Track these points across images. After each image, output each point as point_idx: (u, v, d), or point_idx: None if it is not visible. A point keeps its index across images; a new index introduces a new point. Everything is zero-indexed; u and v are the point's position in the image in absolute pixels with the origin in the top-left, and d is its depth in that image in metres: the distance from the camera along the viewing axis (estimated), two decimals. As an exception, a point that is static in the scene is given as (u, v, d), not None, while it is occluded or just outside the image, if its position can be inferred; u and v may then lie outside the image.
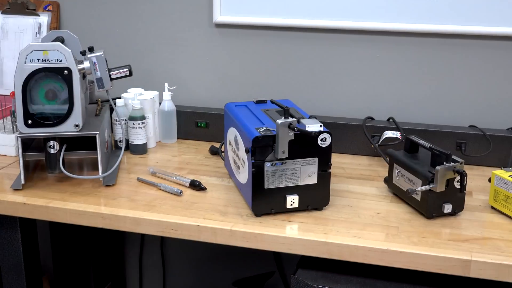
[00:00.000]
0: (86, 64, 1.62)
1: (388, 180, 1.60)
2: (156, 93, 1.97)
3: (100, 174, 1.63)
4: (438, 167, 1.41)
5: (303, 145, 1.44)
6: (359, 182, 1.67)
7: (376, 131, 1.85)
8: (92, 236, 2.08)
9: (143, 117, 1.85)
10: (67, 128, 1.59)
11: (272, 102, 1.54)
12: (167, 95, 1.94)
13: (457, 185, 1.44)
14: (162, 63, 2.08)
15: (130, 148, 1.88)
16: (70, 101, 1.58)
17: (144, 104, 1.89)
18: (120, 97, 1.92)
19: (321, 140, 1.44)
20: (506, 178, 1.47)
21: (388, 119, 1.88)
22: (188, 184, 1.63)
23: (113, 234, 2.20)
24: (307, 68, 1.96)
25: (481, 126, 1.85)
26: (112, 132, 1.91)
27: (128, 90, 1.97)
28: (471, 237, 1.37)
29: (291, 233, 1.39)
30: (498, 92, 1.84)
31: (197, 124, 1.99)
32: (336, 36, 1.91)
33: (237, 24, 1.98)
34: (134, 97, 1.88)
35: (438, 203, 1.45)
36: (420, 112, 1.91)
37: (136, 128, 1.84)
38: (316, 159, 1.46)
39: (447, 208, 1.45)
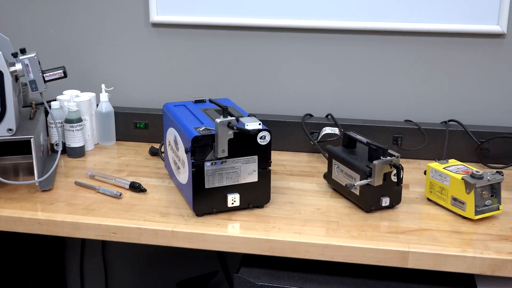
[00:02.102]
0: (18, 66, 1.57)
1: (327, 176, 1.62)
2: (93, 94, 1.93)
3: (36, 178, 1.58)
4: (375, 162, 1.43)
5: (243, 144, 1.44)
6: (300, 179, 1.69)
7: (315, 127, 1.87)
8: (29, 243, 2.02)
9: (79, 120, 1.82)
10: (0, 132, 1.54)
11: (210, 101, 1.53)
12: (104, 96, 1.91)
13: (394, 178, 1.47)
14: (98, 64, 2.05)
15: (67, 151, 1.84)
16: (2, 104, 1.53)
17: (81, 106, 1.85)
18: (55, 100, 1.87)
19: (261, 138, 1.45)
20: (440, 170, 1.51)
21: (327, 116, 1.90)
22: (127, 186, 1.61)
23: (52, 240, 2.15)
24: (246, 66, 1.97)
25: (416, 121, 1.90)
26: (48, 135, 1.86)
27: (64, 92, 1.92)
28: (409, 228, 1.41)
29: (233, 232, 1.39)
30: (432, 87, 1.89)
31: (136, 125, 1.97)
32: (274, 34, 1.92)
33: (174, 24, 1.96)
34: (70, 99, 1.84)
35: (376, 197, 1.47)
36: (358, 108, 1.94)
37: (73, 130, 1.80)
38: (256, 157, 1.46)
39: (385, 201, 1.48)
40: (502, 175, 1.45)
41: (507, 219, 1.45)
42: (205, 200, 1.44)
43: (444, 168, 1.51)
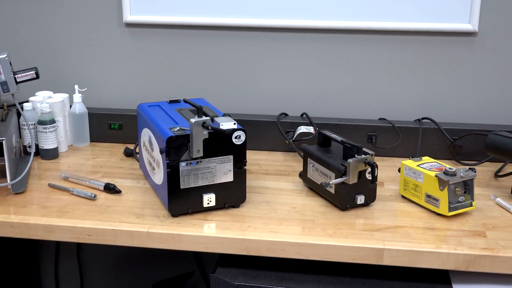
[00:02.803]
0: (-11, 68, 1.55)
1: (303, 175, 1.63)
2: (66, 95, 1.91)
3: (8, 181, 1.56)
4: (349, 160, 1.44)
5: (218, 144, 1.44)
6: (275, 178, 1.69)
7: (290, 127, 1.87)
8: (3, 246, 1.99)
9: (53, 121, 1.80)
10: (-29, 134, 1.52)
11: (185, 101, 1.53)
12: (77, 97, 1.89)
13: (368, 176, 1.48)
14: (71, 65, 2.03)
15: (40, 153, 1.81)
16: (-27, 106, 1.51)
17: (54, 107, 1.83)
18: (27, 101, 1.85)
19: (236, 137, 1.45)
20: (414, 168, 1.52)
21: (302, 115, 1.91)
22: (102, 188, 1.59)
23: (26, 243, 2.12)
24: (221, 66, 1.97)
25: (390, 119, 1.91)
26: (20, 137, 1.84)
27: (36, 94, 1.90)
28: (384, 226, 1.42)
29: (208, 232, 1.39)
30: (406, 85, 1.90)
31: (110, 126, 1.95)
32: (248, 34, 1.92)
33: (147, 24, 1.95)
34: (42, 101, 1.82)
35: (351, 195, 1.48)
36: (333, 106, 1.95)
37: (46, 132, 1.78)
38: (231, 156, 1.46)
39: (360, 199, 1.49)
40: (475, 172, 1.47)
41: (480, 215, 1.47)
42: (180, 200, 1.44)
43: (417, 165, 1.53)
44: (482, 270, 1.31)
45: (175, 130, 1.43)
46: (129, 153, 1.85)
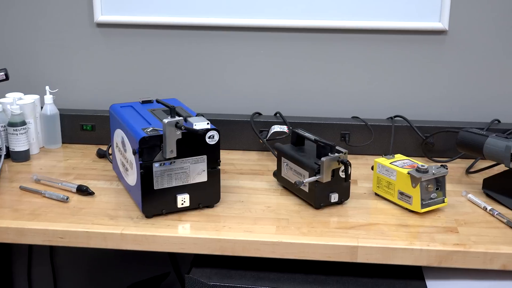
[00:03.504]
0: (-43, 69, 1.52)
1: (277, 174, 1.63)
2: (36, 97, 1.89)
3: (-22, 184, 1.54)
4: (323, 159, 1.45)
5: (191, 144, 1.43)
6: (249, 177, 1.69)
7: (264, 126, 1.87)
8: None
9: (23, 123, 1.77)
10: None
11: (158, 101, 1.52)
12: (48, 98, 1.87)
13: (342, 174, 1.49)
14: (42, 66, 2.00)
15: (11, 155, 1.79)
16: None
17: (24, 109, 1.81)
18: (-3, 103, 1.82)
19: (209, 137, 1.44)
20: (387, 166, 1.53)
21: (275, 114, 1.91)
22: (75, 190, 1.58)
23: (-2, 246, 2.09)
24: (194, 66, 1.96)
25: (363, 117, 1.92)
26: (-10, 139, 1.81)
27: (6, 95, 1.87)
28: (357, 224, 1.43)
29: (183, 232, 1.38)
30: (378, 83, 1.92)
31: (83, 127, 1.93)
32: (221, 34, 1.92)
33: (119, 24, 1.94)
34: (13, 102, 1.79)
35: (325, 193, 1.49)
36: (306, 105, 1.96)
37: (17, 134, 1.76)
38: (205, 157, 1.45)
39: (334, 197, 1.50)
40: (447, 169, 1.48)
41: (452, 211, 1.49)
42: (154, 201, 1.43)
43: (390, 163, 1.54)
44: (454, 265, 1.32)
45: (148, 130, 1.42)
46: (102, 155, 1.83)
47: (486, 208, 1.49)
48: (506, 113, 1.90)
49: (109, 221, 1.43)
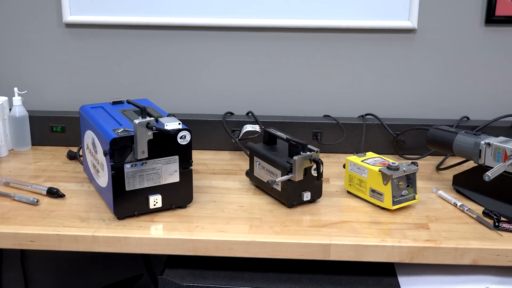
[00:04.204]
0: None
1: (249, 173, 1.63)
2: (5, 98, 1.86)
3: None
4: (295, 157, 1.45)
5: (163, 144, 1.42)
6: (222, 177, 1.69)
7: (236, 125, 1.87)
8: None
9: (-9, 125, 1.75)
10: None
11: (128, 102, 1.50)
12: (17, 100, 1.84)
13: (314, 173, 1.50)
14: (9, 67, 1.97)
15: (-21, 158, 1.76)
16: None
17: (-8, 111, 1.78)
18: (-36, 105, 1.79)
19: (181, 137, 1.44)
20: (359, 163, 1.54)
21: (247, 113, 1.91)
22: (45, 192, 1.56)
23: (-33, 251, 2.06)
24: (165, 66, 1.95)
25: (334, 116, 1.94)
26: (-43, 142, 1.78)
27: (-26, 97, 1.85)
28: (330, 221, 1.43)
29: (155, 233, 1.37)
30: (349, 82, 1.93)
31: (52, 129, 1.91)
32: (192, 33, 1.92)
33: (88, 24, 1.92)
34: (-20, 104, 1.76)
35: (297, 192, 1.49)
36: (278, 105, 1.96)
37: (-15, 137, 1.73)
38: (176, 157, 1.45)
39: (306, 196, 1.51)
40: (417, 166, 1.50)
41: (422, 208, 1.51)
42: (126, 202, 1.42)
43: (362, 161, 1.55)
44: (426, 261, 1.34)
45: (119, 131, 1.40)
46: (72, 156, 1.81)
47: (456, 204, 1.51)
48: (475, 110, 1.93)
49: (81, 224, 1.41)
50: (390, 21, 1.86)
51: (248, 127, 1.83)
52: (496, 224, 1.40)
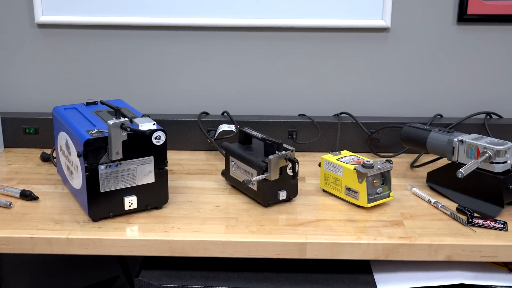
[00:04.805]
0: None
1: (225, 173, 1.63)
2: (-24, 100, 1.84)
3: None
4: (270, 157, 1.45)
5: (138, 145, 1.42)
6: (198, 177, 1.69)
7: (211, 125, 1.87)
8: None
9: (-38, 127, 1.72)
10: None
11: (102, 103, 1.49)
12: (-11, 102, 1.82)
13: (289, 172, 1.50)
14: (-19, 68, 1.95)
15: (-50, 161, 1.73)
16: None
17: (-37, 113, 1.76)
18: None
19: (155, 138, 1.43)
20: (334, 162, 1.55)
21: (223, 113, 1.91)
22: (18, 195, 1.54)
23: None
24: (139, 66, 1.94)
25: (310, 114, 1.94)
26: None
27: None
28: (306, 220, 1.44)
29: (131, 234, 1.36)
30: (324, 81, 1.94)
31: (25, 131, 1.89)
32: (166, 33, 1.91)
33: (61, 24, 1.90)
34: (-50, 106, 1.74)
35: (273, 191, 1.50)
36: (253, 104, 1.96)
37: (-44, 139, 1.71)
38: (151, 158, 1.44)
39: (282, 195, 1.51)
40: (391, 164, 1.51)
41: (397, 205, 1.52)
42: (101, 204, 1.41)
43: (337, 159, 1.56)
44: (401, 258, 1.35)
45: (93, 132, 1.39)
46: (46, 158, 1.79)
47: (430, 201, 1.53)
48: (448, 108, 1.95)
49: (55, 226, 1.40)
50: (364, 20, 1.87)
51: (224, 127, 1.83)
52: (470, 220, 1.42)
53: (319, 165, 1.60)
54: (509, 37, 1.89)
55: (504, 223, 1.41)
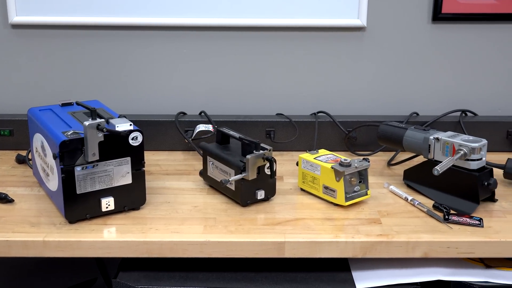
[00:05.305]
0: None
1: (203, 173, 1.63)
2: (-51, 102, 1.81)
3: None
4: (248, 156, 1.45)
5: (114, 146, 1.41)
6: (176, 178, 1.68)
7: (189, 125, 1.86)
8: None
9: None
10: None
11: (78, 104, 1.48)
12: (-38, 103, 1.79)
13: (267, 171, 1.50)
14: (-46, 70, 1.92)
15: None
16: None
17: None
18: None
19: (132, 139, 1.42)
20: (311, 161, 1.56)
21: (200, 113, 1.90)
22: (-7, 198, 1.52)
23: None
24: (115, 66, 1.92)
25: (287, 114, 1.94)
26: None
27: None
28: (284, 219, 1.44)
29: (108, 236, 1.35)
30: (301, 80, 1.94)
31: (0, 133, 1.86)
32: (143, 33, 1.90)
33: (35, 24, 1.88)
34: None
35: (251, 191, 1.50)
36: (230, 104, 1.96)
37: None
38: (128, 158, 1.43)
39: (260, 194, 1.51)
40: (369, 162, 1.52)
41: (374, 203, 1.53)
42: (77, 206, 1.40)
43: (314, 158, 1.56)
44: (378, 255, 1.36)
45: (69, 134, 1.38)
46: (21, 160, 1.77)
47: (407, 199, 1.54)
48: (424, 106, 1.96)
49: (31, 229, 1.38)
50: (340, 20, 1.88)
51: (201, 127, 1.82)
52: (446, 217, 1.43)
53: (297, 164, 1.60)
54: (483, 35, 1.91)
55: (480, 220, 1.43)
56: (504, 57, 1.93)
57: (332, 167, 1.49)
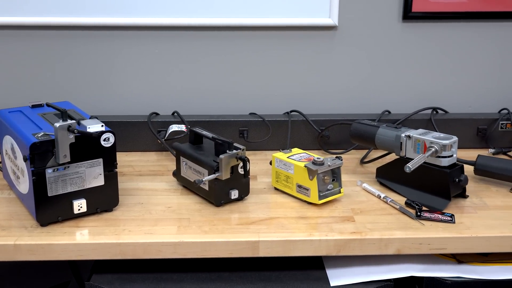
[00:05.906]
0: None
1: (176, 174, 1.62)
2: None
3: None
4: (221, 156, 1.45)
5: (86, 147, 1.39)
6: (149, 179, 1.67)
7: (161, 126, 1.85)
8: None
9: None
10: None
11: (48, 105, 1.46)
12: None
13: (241, 171, 1.50)
14: None
15: None
16: None
17: None
18: None
19: (104, 140, 1.41)
20: (285, 160, 1.56)
21: (173, 113, 1.90)
22: (-38, 201, 1.49)
23: None
24: (86, 67, 1.90)
25: (260, 113, 1.94)
26: None
27: None
28: (258, 219, 1.44)
29: (81, 239, 1.34)
30: (273, 80, 1.95)
31: (-31, 135, 1.83)
32: (112, 33, 1.88)
33: (3, 25, 1.85)
34: None
35: (225, 191, 1.49)
36: (204, 104, 1.95)
37: None
38: (100, 160, 1.42)
39: (234, 194, 1.51)
40: (341, 160, 1.53)
41: (348, 201, 1.54)
42: (49, 208, 1.38)
43: (288, 157, 1.57)
44: (352, 253, 1.37)
45: (39, 135, 1.36)
46: (-9, 163, 1.75)
47: (380, 196, 1.55)
48: (396, 104, 1.98)
49: (1, 232, 1.36)
50: (311, 19, 1.89)
51: (174, 127, 1.81)
52: (418, 214, 1.45)
53: (270, 163, 1.60)
54: (453, 34, 1.94)
55: (451, 216, 1.44)
56: (474, 55, 1.96)
57: (305, 166, 1.50)
